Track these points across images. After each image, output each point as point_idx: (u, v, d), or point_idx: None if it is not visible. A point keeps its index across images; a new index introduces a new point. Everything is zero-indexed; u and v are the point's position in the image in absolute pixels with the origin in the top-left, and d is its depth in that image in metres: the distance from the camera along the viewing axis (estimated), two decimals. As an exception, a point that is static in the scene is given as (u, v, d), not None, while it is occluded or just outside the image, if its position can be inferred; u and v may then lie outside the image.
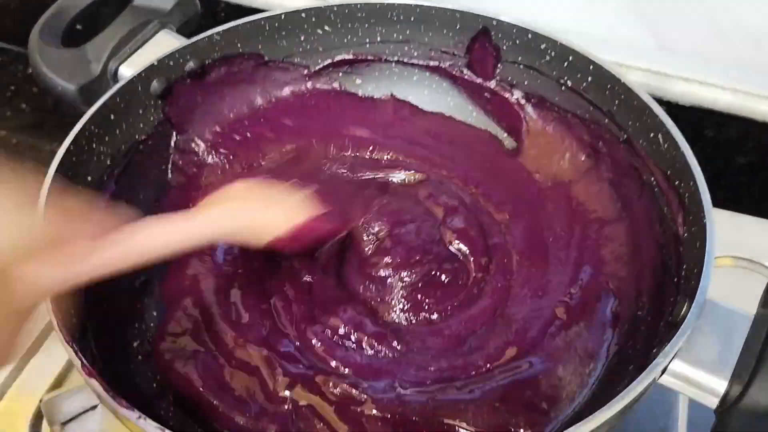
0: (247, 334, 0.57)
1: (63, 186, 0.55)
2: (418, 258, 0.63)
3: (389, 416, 0.52)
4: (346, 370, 0.56)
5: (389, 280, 0.62)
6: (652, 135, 0.61)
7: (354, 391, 0.53)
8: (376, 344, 0.57)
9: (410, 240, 0.64)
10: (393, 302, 0.61)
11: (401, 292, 0.61)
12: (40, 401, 0.60)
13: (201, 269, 0.62)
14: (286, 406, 0.53)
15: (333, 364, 0.56)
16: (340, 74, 0.76)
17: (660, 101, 0.61)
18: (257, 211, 0.51)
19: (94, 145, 0.61)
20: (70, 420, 0.60)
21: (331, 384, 0.53)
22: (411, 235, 0.64)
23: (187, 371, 0.55)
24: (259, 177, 0.55)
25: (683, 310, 0.50)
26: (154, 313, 0.61)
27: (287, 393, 0.53)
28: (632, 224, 0.63)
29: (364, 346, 0.57)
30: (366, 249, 0.64)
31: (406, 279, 0.62)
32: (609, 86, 0.65)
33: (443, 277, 0.62)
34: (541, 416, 0.53)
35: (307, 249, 0.58)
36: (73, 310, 0.51)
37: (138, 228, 0.44)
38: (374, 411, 0.52)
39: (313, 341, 0.57)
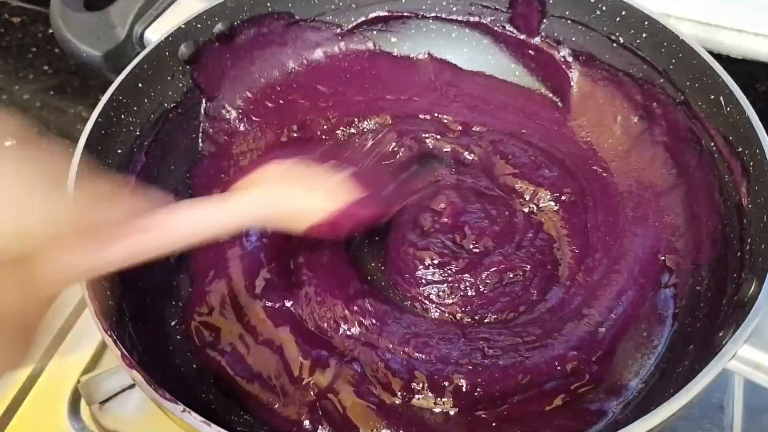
0: (275, 318, 0.55)
1: (92, 167, 0.52)
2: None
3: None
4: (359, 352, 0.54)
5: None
6: (712, 97, 0.57)
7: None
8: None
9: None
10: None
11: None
12: (78, 382, 0.59)
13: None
14: (310, 392, 0.51)
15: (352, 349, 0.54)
16: (374, 32, 0.72)
17: (709, 54, 0.57)
18: (295, 196, 0.48)
19: (122, 116, 0.58)
20: (109, 399, 0.58)
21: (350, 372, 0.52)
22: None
23: (215, 355, 0.53)
24: (294, 157, 0.50)
25: (751, 289, 0.47)
26: (190, 290, 0.59)
27: (310, 379, 0.52)
28: (689, 192, 0.59)
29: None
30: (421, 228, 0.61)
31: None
32: (665, 43, 0.61)
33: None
34: (596, 388, 0.51)
35: (345, 235, 0.54)
36: (109, 291, 0.50)
37: (170, 214, 0.41)
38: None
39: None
